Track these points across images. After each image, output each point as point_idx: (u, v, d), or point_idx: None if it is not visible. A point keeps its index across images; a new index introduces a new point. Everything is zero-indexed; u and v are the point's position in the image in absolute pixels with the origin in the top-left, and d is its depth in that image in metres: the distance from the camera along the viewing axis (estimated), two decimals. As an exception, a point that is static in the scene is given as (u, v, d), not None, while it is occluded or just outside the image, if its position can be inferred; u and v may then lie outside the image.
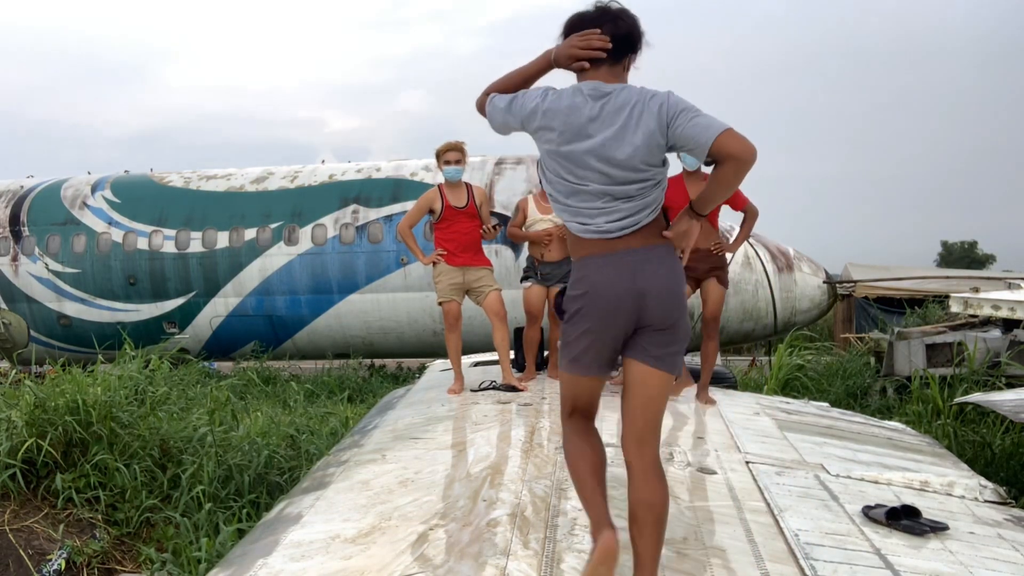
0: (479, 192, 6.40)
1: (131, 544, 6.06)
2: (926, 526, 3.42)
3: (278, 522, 3.72)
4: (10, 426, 6.41)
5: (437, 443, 4.66)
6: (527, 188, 14.23)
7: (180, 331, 16.39)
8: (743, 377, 12.28)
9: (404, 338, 16.15)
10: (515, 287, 7.21)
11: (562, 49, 2.70)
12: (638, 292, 2.52)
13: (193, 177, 17.31)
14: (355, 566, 2.90)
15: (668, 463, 4.16)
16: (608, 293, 2.54)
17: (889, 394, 10.06)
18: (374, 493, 3.75)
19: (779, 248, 15.62)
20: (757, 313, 15.22)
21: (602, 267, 2.56)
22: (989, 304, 9.92)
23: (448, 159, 6.19)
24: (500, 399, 5.66)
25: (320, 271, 15.92)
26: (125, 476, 6.27)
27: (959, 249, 52.10)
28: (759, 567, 2.91)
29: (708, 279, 6.13)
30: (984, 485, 4.32)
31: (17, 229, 17.11)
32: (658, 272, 2.55)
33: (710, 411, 5.63)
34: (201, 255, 16.32)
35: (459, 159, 6.23)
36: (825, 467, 4.35)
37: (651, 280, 2.53)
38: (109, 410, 6.60)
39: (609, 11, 2.66)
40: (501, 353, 6.26)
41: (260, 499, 6.34)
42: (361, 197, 15.98)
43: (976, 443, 6.98)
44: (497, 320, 6.21)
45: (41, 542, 5.77)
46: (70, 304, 16.88)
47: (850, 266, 17.70)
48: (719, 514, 3.46)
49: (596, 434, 2.75)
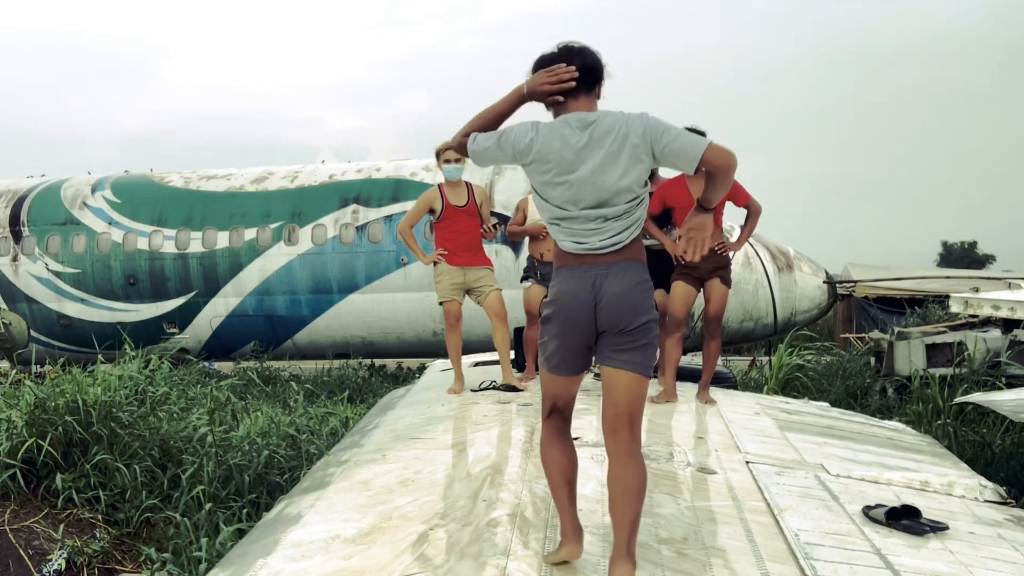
0: (479, 191, 6.38)
1: (131, 544, 6.06)
2: (926, 526, 3.42)
3: (278, 522, 3.72)
4: (10, 426, 6.42)
5: (437, 443, 4.66)
6: (527, 188, 14.22)
7: (180, 331, 16.40)
8: (743, 377, 12.28)
9: (404, 338, 16.16)
10: (515, 287, 7.21)
11: (533, 84, 2.92)
12: (594, 302, 2.78)
13: (193, 177, 17.32)
14: (355, 566, 2.90)
15: (668, 463, 4.16)
16: (571, 302, 2.81)
17: (889, 394, 10.05)
18: (374, 493, 3.75)
19: (779, 248, 15.63)
20: (757, 313, 15.23)
21: (568, 279, 2.83)
22: (989, 304, 9.92)
23: (448, 157, 6.17)
24: (500, 399, 5.66)
25: (320, 271, 15.92)
26: (125, 476, 6.27)
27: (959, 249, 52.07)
28: (759, 567, 2.91)
29: (711, 279, 6.11)
30: (984, 485, 4.33)
31: (17, 229, 17.11)
32: (614, 283, 2.77)
33: (710, 411, 5.63)
34: (201, 255, 16.32)
35: (459, 157, 6.20)
36: (825, 467, 4.35)
37: (606, 290, 2.77)
38: (109, 410, 6.60)
39: (572, 48, 2.93)
40: (501, 353, 6.25)
41: (260, 499, 6.34)
42: (361, 197, 15.99)
43: (976, 443, 6.98)
44: (498, 320, 6.21)
45: (41, 542, 5.77)
46: (70, 304, 16.88)
47: (850, 266, 17.70)
48: (719, 514, 3.46)
49: (570, 440, 2.98)
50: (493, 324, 6.23)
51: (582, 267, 2.81)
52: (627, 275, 2.80)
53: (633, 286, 2.79)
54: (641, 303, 2.81)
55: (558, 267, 2.90)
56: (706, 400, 5.93)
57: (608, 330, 2.79)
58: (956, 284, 15.88)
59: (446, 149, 6.18)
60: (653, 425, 5.12)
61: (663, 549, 3.02)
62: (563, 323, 2.83)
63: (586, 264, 2.80)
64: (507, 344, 6.27)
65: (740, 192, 6.08)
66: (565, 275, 2.85)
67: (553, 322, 2.86)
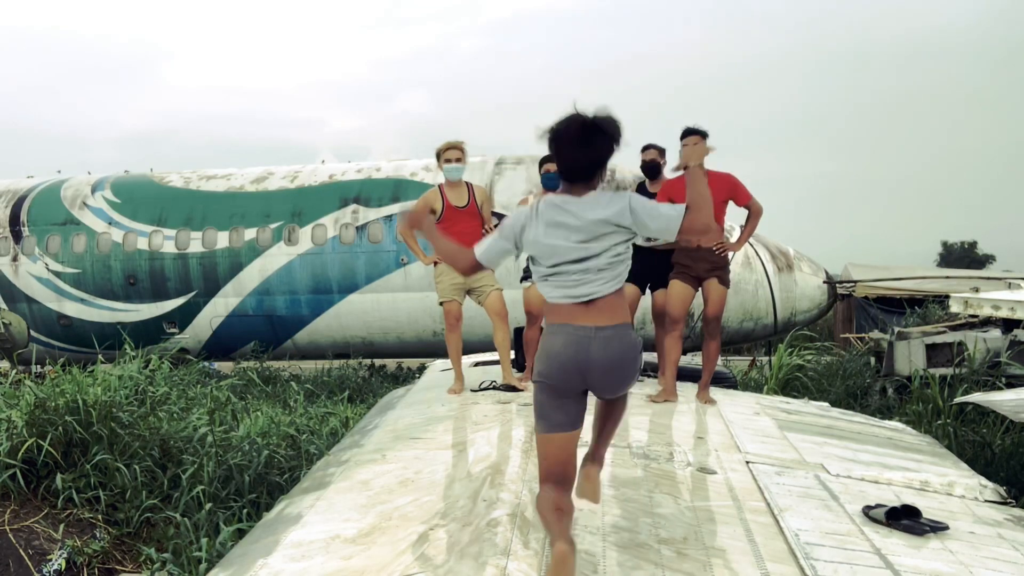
0: (480, 191, 6.37)
1: (131, 544, 6.06)
2: (926, 526, 3.42)
3: (278, 522, 3.72)
4: (10, 426, 6.41)
5: (437, 443, 4.66)
6: (527, 188, 14.23)
7: (180, 331, 16.39)
8: (743, 377, 12.28)
9: (404, 338, 16.15)
10: (515, 287, 7.20)
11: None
12: (586, 364, 2.85)
13: (193, 177, 17.31)
14: (355, 566, 2.90)
15: (668, 463, 4.16)
16: (565, 361, 2.86)
17: (889, 394, 10.05)
18: (374, 493, 3.75)
19: (779, 248, 15.62)
20: (757, 313, 15.22)
21: (559, 336, 2.89)
22: (989, 304, 9.92)
23: (448, 157, 6.16)
24: (500, 399, 5.66)
25: (320, 271, 15.92)
26: (125, 476, 6.27)
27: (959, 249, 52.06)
28: (759, 567, 2.91)
29: (709, 279, 6.11)
30: (984, 485, 4.32)
31: (17, 229, 17.11)
32: (606, 348, 2.85)
33: (710, 411, 5.63)
34: (201, 255, 16.32)
35: (459, 157, 6.20)
36: (825, 467, 4.35)
37: (598, 355, 2.84)
38: (109, 410, 6.60)
39: (585, 132, 2.84)
40: (502, 353, 6.24)
41: (260, 499, 6.33)
42: (361, 197, 15.99)
43: (976, 443, 6.98)
44: (498, 320, 6.20)
45: (41, 542, 5.77)
46: (70, 304, 16.88)
47: (850, 266, 17.71)
48: (719, 514, 3.46)
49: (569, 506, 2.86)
50: (494, 324, 6.22)
51: (574, 327, 2.91)
52: (617, 340, 2.88)
53: (627, 351, 2.90)
54: (631, 366, 2.93)
55: (551, 323, 2.98)
56: (706, 400, 5.93)
57: (596, 389, 2.92)
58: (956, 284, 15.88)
59: (447, 149, 6.18)
60: (653, 425, 5.12)
61: (663, 549, 3.02)
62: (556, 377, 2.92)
63: (578, 324, 2.89)
64: (508, 344, 6.27)
65: (742, 192, 6.08)
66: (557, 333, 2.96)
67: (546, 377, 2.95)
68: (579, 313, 2.86)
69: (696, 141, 4.75)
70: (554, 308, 2.92)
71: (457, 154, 6.19)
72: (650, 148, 6.70)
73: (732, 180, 6.06)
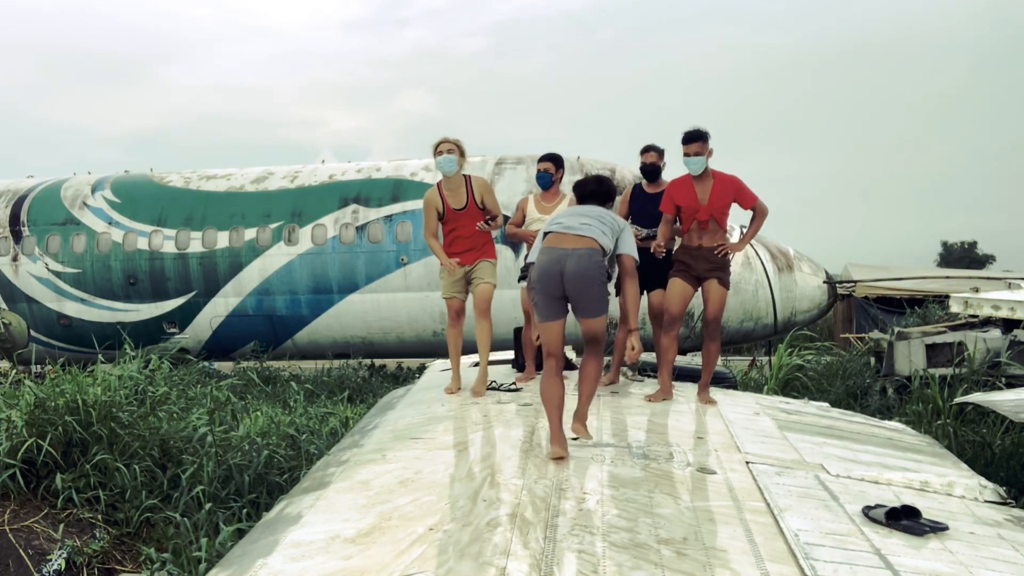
0: (479, 184, 6.26)
1: (131, 544, 6.06)
2: (926, 526, 3.42)
3: (278, 522, 3.72)
4: (10, 426, 6.41)
5: (437, 443, 4.66)
6: (527, 188, 14.23)
7: (180, 331, 16.39)
8: (743, 377, 12.28)
9: (404, 338, 16.15)
10: (515, 287, 7.20)
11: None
12: (562, 273, 4.36)
13: (193, 177, 17.31)
14: (355, 566, 2.90)
15: (668, 463, 4.16)
16: (548, 270, 4.40)
17: (889, 394, 10.05)
18: (374, 493, 3.75)
19: (779, 248, 15.62)
20: (757, 313, 15.22)
21: (545, 254, 4.46)
22: (989, 304, 9.93)
23: (440, 149, 6.13)
24: (500, 399, 5.66)
25: (320, 271, 15.92)
26: (125, 476, 6.27)
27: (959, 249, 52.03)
28: (759, 567, 2.91)
29: (709, 280, 6.08)
30: (984, 485, 4.32)
31: (17, 229, 17.11)
32: (578, 263, 4.35)
33: (710, 411, 5.63)
34: (201, 255, 16.32)
35: (451, 148, 6.12)
36: (825, 467, 4.35)
37: (571, 267, 4.35)
38: (109, 410, 6.60)
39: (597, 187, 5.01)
40: (481, 352, 6.12)
41: (260, 499, 6.34)
42: (361, 197, 15.99)
43: (976, 443, 6.98)
44: (478, 314, 6.10)
45: (41, 542, 5.77)
46: (70, 304, 16.88)
47: (850, 266, 17.71)
48: (719, 514, 3.46)
49: (561, 378, 4.41)
50: (476, 319, 6.12)
51: (555, 249, 4.47)
52: (584, 260, 4.36)
53: (591, 266, 4.37)
54: (594, 276, 4.38)
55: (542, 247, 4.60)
56: (706, 400, 5.93)
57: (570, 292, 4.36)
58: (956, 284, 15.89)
59: (439, 143, 6.15)
60: (653, 425, 5.12)
61: (663, 549, 3.01)
62: (541, 282, 4.49)
63: (556, 247, 4.45)
64: (487, 343, 6.13)
65: (746, 195, 6.06)
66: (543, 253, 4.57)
67: (535, 282, 4.59)
68: (563, 240, 4.43)
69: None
70: (547, 239, 4.49)
71: (448, 145, 6.14)
72: (650, 150, 6.70)
73: (737, 183, 6.05)
